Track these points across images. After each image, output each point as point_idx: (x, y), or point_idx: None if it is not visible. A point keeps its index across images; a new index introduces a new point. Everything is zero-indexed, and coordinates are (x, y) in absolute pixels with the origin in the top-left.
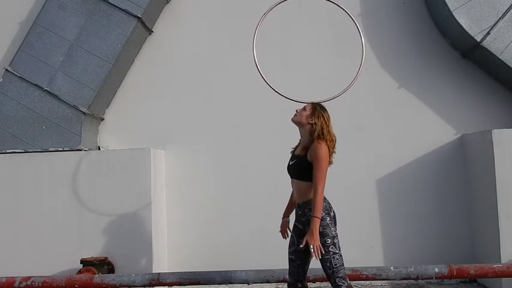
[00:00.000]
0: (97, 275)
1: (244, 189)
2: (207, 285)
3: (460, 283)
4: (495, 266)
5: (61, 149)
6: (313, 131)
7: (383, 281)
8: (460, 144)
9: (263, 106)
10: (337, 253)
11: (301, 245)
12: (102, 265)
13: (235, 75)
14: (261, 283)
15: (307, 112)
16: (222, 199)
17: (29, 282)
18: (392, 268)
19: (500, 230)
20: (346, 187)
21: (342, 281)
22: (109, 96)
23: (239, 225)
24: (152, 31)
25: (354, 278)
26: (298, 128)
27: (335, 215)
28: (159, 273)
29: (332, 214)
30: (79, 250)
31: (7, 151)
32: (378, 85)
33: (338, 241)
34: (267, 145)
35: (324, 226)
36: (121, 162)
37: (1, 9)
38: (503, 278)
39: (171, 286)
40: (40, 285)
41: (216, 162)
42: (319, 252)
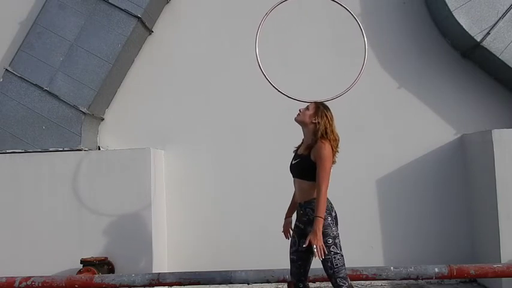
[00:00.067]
0: (97, 275)
1: (244, 189)
2: (207, 285)
3: (460, 283)
4: (495, 266)
5: (61, 149)
6: (316, 131)
7: (383, 281)
8: (460, 144)
9: (263, 106)
10: (338, 253)
11: (304, 245)
12: (102, 265)
13: (235, 75)
14: (261, 283)
15: (310, 111)
16: (222, 199)
17: (29, 282)
18: (392, 268)
19: (500, 230)
20: (346, 187)
21: (343, 281)
22: (109, 96)
23: (239, 225)
24: (152, 31)
25: (354, 278)
26: (299, 128)
27: (336, 215)
28: (159, 273)
29: (334, 214)
30: (79, 250)
31: (7, 151)
32: (378, 85)
33: (339, 241)
34: (267, 145)
35: (325, 226)
36: (121, 162)
37: (1, 9)
38: (503, 278)
39: (171, 286)
40: (40, 285)
41: (216, 162)
42: (322, 252)
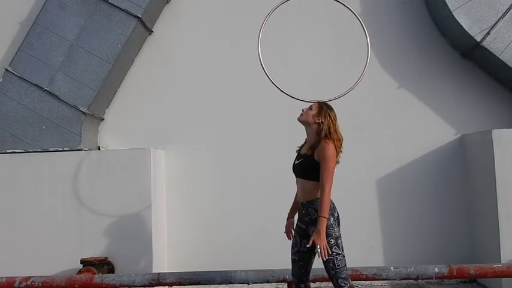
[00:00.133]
0: (97, 275)
1: (244, 189)
2: (207, 285)
3: (460, 283)
4: (495, 266)
5: (61, 149)
6: (320, 131)
7: (383, 281)
8: (460, 144)
9: (263, 106)
10: (340, 254)
11: (307, 245)
12: (102, 265)
13: (235, 75)
14: (261, 283)
15: (313, 111)
16: (222, 199)
17: (29, 282)
18: (392, 268)
19: (500, 230)
20: (346, 187)
21: (345, 282)
22: (109, 96)
23: (239, 225)
24: (152, 31)
25: (354, 278)
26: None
27: (339, 216)
28: (159, 273)
29: (336, 215)
30: (79, 250)
31: (7, 151)
32: (378, 85)
33: (341, 242)
34: (267, 145)
35: (328, 226)
36: (121, 162)
37: (1, 9)
38: (503, 278)
39: (171, 286)
40: (40, 285)
41: (216, 162)
42: (325, 252)
